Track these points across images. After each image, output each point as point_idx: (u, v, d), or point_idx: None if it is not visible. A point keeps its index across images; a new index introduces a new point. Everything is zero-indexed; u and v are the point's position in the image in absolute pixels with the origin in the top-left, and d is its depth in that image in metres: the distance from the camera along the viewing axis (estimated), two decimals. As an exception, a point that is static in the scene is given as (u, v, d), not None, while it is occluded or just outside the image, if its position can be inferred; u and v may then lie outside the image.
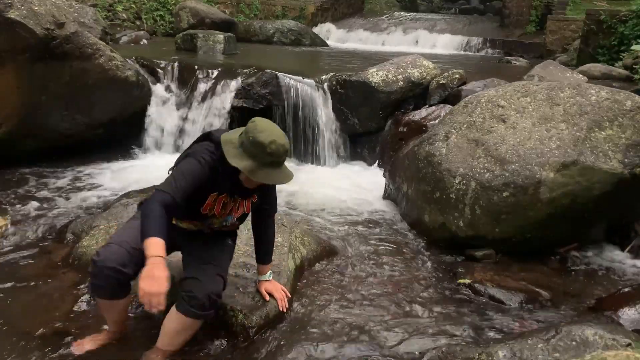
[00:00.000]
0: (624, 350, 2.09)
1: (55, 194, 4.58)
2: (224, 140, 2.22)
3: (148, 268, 2.01)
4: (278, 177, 2.25)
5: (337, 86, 5.79)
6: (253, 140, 2.15)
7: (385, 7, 16.42)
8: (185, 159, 2.29)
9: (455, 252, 3.74)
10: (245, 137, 2.18)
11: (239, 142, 2.20)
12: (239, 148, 2.19)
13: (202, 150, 2.28)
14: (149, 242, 2.04)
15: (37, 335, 2.58)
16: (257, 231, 2.67)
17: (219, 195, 2.37)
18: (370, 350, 2.61)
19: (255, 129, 2.17)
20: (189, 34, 8.09)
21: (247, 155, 2.16)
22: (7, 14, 4.54)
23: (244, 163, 2.15)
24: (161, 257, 2.03)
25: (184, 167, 2.24)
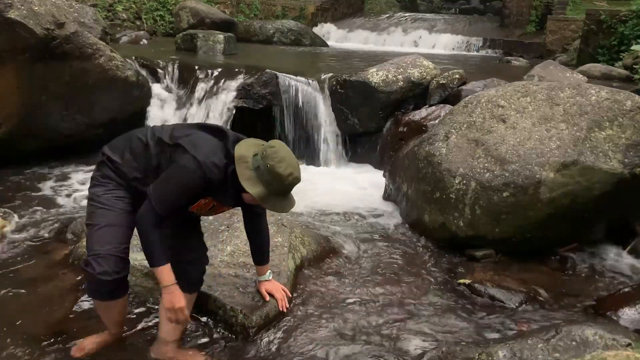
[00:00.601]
0: (624, 350, 2.09)
1: (55, 194, 4.58)
2: (238, 157, 2.11)
3: (167, 299, 2.20)
4: (285, 206, 2.19)
5: (337, 86, 5.79)
6: (271, 169, 2.06)
7: (385, 7, 16.41)
8: (185, 170, 2.11)
9: (455, 252, 3.74)
10: (262, 162, 2.08)
11: (254, 165, 2.09)
12: (254, 171, 2.09)
13: (208, 161, 2.10)
14: (160, 272, 2.17)
15: (37, 335, 2.58)
16: (251, 233, 2.60)
17: (212, 200, 2.29)
18: (370, 350, 2.61)
19: (275, 157, 2.07)
20: (189, 34, 8.09)
21: (261, 182, 2.08)
22: (7, 14, 4.54)
23: (257, 190, 2.08)
24: (175, 285, 2.21)
25: (182, 182, 2.12)
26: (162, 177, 2.16)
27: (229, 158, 2.15)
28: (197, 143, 2.15)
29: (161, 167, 2.22)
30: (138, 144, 2.29)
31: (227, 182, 2.16)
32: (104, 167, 2.31)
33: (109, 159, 2.30)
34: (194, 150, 2.12)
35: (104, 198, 2.25)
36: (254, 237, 2.60)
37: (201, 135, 2.21)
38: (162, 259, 2.17)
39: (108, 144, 2.38)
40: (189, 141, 2.16)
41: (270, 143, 2.15)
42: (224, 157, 2.15)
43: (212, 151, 2.14)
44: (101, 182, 2.29)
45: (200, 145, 2.14)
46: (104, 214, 2.23)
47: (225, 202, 2.29)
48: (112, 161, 2.29)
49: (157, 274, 2.20)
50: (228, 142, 2.19)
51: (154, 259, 2.17)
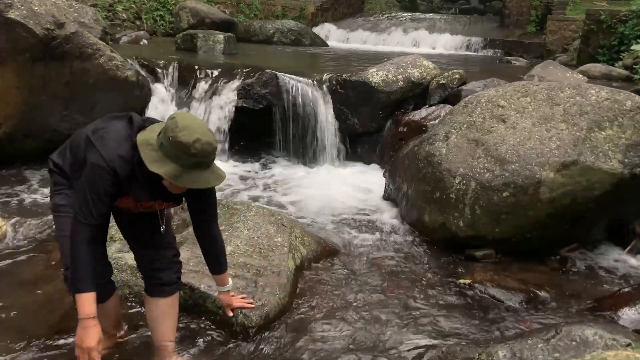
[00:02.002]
0: (624, 350, 2.09)
1: (55, 194, 4.57)
2: (140, 142, 1.91)
3: (79, 334, 2.01)
4: (207, 180, 1.91)
5: (337, 86, 5.79)
6: (173, 140, 1.82)
7: (385, 7, 16.41)
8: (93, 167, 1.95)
9: (455, 252, 3.74)
10: (164, 138, 1.86)
11: (158, 143, 1.88)
12: (159, 150, 1.87)
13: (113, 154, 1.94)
14: (80, 299, 1.98)
15: (37, 335, 2.58)
16: (204, 240, 2.34)
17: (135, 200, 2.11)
18: (370, 350, 2.61)
19: (176, 127, 1.84)
20: (189, 34, 8.09)
21: (169, 159, 1.85)
22: (7, 14, 4.54)
23: (165, 168, 1.85)
24: (93, 319, 2.00)
25: (92, 181, 1.95)
26: (79, 181, 2.02)
27: (135, 148, 1.94)
28: (104, 136, 1.98)
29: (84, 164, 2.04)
30: (76, 142, 2.15)
31: (136, 173, 1.97)
32: (53, 175, 2.22)
33: (54, 164, 2.21)
34: (100, 145, 1.96)
35: (62, 206, 2.16)
36: (207, 243, 2.34)
37: (112, 127, 2.02)
38: (85, 284, 1.96)
39: (50, 156, 2.28)
40: (98, 136, 2.00)
41: (171, 115, 1.93)
42: (130, 147, 1.96)
43: (118, 143, 1.96)
44: (56, 190, 2.20)
45: (107, 138, 1.97)
46: (68, 222, 2.06)
47: (141, 196, 2.07)
48: (56, 165, 2.21)
49: (78, 302, 1.97)
50: (133, 129, 1.99)
51: (77, 282, 1.97)
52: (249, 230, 3.31)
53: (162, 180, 1.95)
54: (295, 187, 5.09)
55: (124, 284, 2.90)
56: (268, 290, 2.82)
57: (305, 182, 5.23)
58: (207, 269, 2.62)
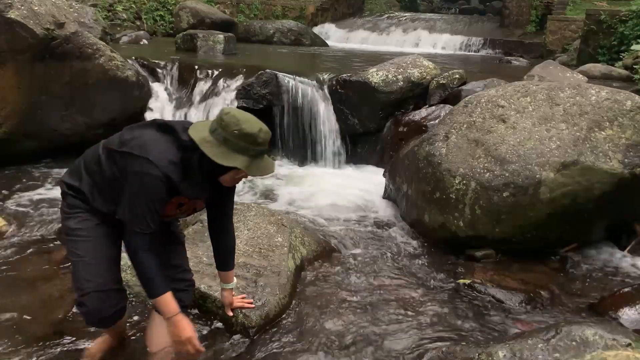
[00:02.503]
0: (624, 350, 2.09)
1: (55, 194, 4.57)
2: (199, 141, 1.94)
3: (173, 332, 2.04)
4: (268, 167, 2.02)
5: (337, 86, 5.79)
6: (240, 133, 1.91)
7: (385, 7, 16.42)
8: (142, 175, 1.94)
9: (455, 252, 3.74)
10: (227, 133, 1.92)
11: (220, 139, 1.93)
12: (222, 146, 1.92)
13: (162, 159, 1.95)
14: (160, 302, 2.02)
15: (37, 335, 2.58)
16: (219, 234, 2.37)
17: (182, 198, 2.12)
18: (370, 350, 2.61)
19: (237, 121, 1.92)
20: (189, 34, 8.10)
21: (236, 151, 1.92)
22: (7, 14, 4.55)
23: (239, 161, 1.92)
24: (180, 314, 2.05)
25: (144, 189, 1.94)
26: (126, 193, 1.98)
27: (184, 149, 1.98)
28: (144, 144, 1.97)
29: (117, 179, 2.03)
30: (91, 161, 2.12)
31: (194, 173, 2.00)
32: (67, 197, 2.15)
33: (69, 186, 2.14)
34: (144, 152, 1.95)
35: (78, 230, 2.10)
36: (221, 238, 2.37)
37: (148, 136, 2.02)
38: (160, 287, 2.01)
39: (67, 171, 2.22)
40: (136, 145, 1.98)
41: (223, 112, 1.98)
42: (177, 150, 1.98)
43: (164, 148, 1.97)
44: (70, 213, 2.13)
45: (149, 146, 1.97)
46: (84, 246, 2.08)
47: (197, 195, 2.11)
48: (72, 188, 2.13)
49: (157, 305, 2.04)
50: (177, 134, 2.01)
51: (153, 288, 2.01)
52: (249, 230, 3.31)
53: (219, 177, 2.03)
54: (295, 187, 5.08)
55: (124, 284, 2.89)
56: (268, 290, 2.82)
57: (305, 182, 5.23)
58: (207, 269, 2.63)
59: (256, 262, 3.03)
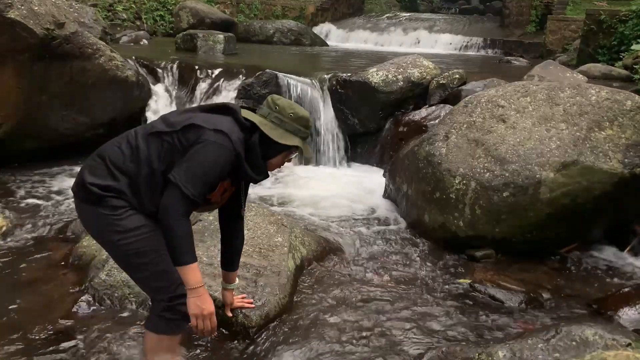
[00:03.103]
0: (624, 350, 2.09)
1: (55, 193, 4.58)
2: (259, 123, 2.05)
3: (195, 303, 1.95)
4: (310, 150, 2.24)
5: (337, 86, 5.79)
6: (295, 116, 2.08)
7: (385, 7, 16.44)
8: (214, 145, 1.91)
9: (455, 252, 3.74)
10: (283, 116, 2.07)
11: (276, 122, 2.06)
12: (279, 128, 2.06)
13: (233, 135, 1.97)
14: (186, 271, 1.92)
15: (37, 335, 2.58)
16: (230, 235, 2.35)
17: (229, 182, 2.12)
18: (370, 350, 2.61)
19: (290, 105, 2.12)
20: (189, 34, 8.10)
21: (291, 133, 2.08)
22: (7, 14, 4.54)
23: (295, 141, 2.08)
24: (204, 287, 1.98)
25: (217, 164, 1.93)
26: (186, 159, 1.91)
27: (244, 130, 2.05)
28: (209, 119, 1.98)
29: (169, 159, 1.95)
30: (122, 159, 1.98)
31: (255, 153, 2.06)
32: (107, 200, 1.93)
33: (104, 188, 1.94)
34: (214, 125, 1.96)
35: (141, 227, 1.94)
36: (233, 239, 2.36)
37: (205, 116, 2.03)
38: (190, 255, 1.92)
39: (85, 172, 2.02)
40: (201, 119, 1.98)
41: (274, 98, 2.13)
42: (240, 130, 2.03)
43: (230, 126, 2.00)
44: (119, 214, 1.93)
45: (216, 121, 1.99)
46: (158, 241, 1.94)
47: (244, 177, 2.11)
48: (108, 188, 1.94)
49: (182, 273, 1.92)
50: (238, 114, 2.07)
51: (182, 255, 1.90)
52: (249, 230, 3.31)
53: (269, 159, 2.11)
54: (295, 187, 5.09)
55: (124, 284, 2.89)
56: (268, 290, 2.82)
57: (305, 182, 5.23)
58: (207, 269, 2.63)
59: (256, 262, 3.03)
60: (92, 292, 2.92)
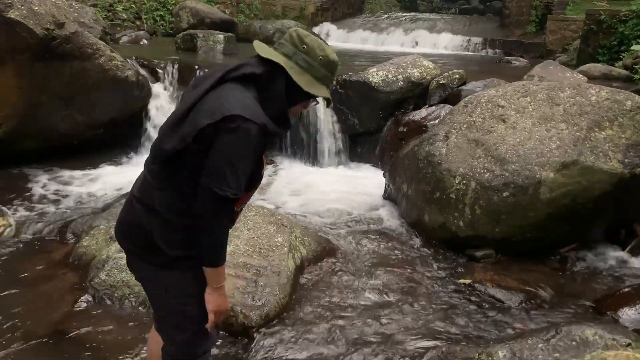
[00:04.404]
0: (624, 350, 2.09)
1: (55, 194, 4.58)
2: (286, 64, 1.71)
3: (219, 301, 1.79)
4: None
5: (337, 86, 5.79)
6: (325, 60, 1.74)
7: (385, 7, 16.42)
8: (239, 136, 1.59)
9: (455, 252, 3.74)
10: (312, 59, 1.73)
11: (303, 65, 1.72)
12: (306, 73, 1.72)
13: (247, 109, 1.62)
14: (220, 271, 1.75)
15: (37, 335, 2.58)
16: None
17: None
18: (369, 350, 2.61)
19: (320, 46, 1.75)
20: (189, 34, 8.09)
21: (320, 81, 1.76)
22: (7, 14, 4.54)
23: (323, 90, 1.77)
24: (224, 285, 1.82)
25: (248, 147, 1.62)
26: (212, 161, 1.61)
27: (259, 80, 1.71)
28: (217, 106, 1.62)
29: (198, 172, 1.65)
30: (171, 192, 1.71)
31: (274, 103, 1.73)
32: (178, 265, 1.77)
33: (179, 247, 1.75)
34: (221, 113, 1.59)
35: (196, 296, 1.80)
36: None
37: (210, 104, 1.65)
38: (224, 257, 1.75)
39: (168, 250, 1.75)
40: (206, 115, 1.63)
41: (299, 34, 1.76)
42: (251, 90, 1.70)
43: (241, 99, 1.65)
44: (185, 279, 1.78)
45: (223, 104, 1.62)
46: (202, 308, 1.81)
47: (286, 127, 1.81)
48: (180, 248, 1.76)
49: (211, 273, 1.74)
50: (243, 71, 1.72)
51: (219, 258, 1.72)
52: (249, 230, 3.31)
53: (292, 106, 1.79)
54: (295, 187, 5.08)
55: (124, 284, 2.90)
56: (268, 290, 2.83)
57: (305, 182, 5.23)
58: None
59: (256, 262, 3.03)
60: (92, 292, 2.92)
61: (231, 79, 1.70)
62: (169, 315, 1.86)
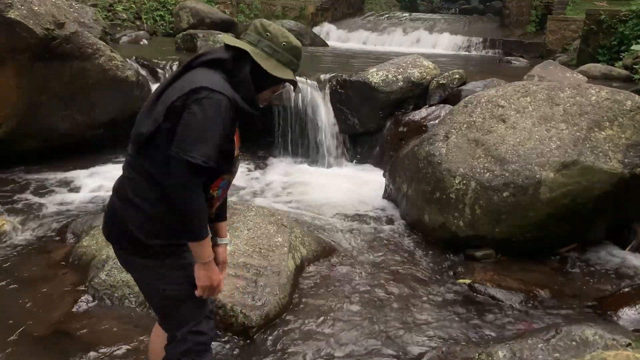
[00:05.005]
0: (624, 350, 2.09)
1: (55, 194, 4.58)
2: (252, 52, 1.77)
3: (208, 275, 1.80)
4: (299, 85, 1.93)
5: (337, 86, 5.79)
6: (289, 45, 1.82)
7: (385, 7, 16.43)
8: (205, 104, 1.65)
9: (455, 252, 3.74)
10: (275, 45, 1.80)
11: (268, 51, 1.79)
12: (271, 58, 1.79)
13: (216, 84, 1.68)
14: (204, 244, 1.75)
15: (37, 335, 2.58)
16: None
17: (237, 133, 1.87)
18: (369, 350, 2.61)
19: (283, 33, 1.83)
20: (189, 34, 8.10)
21: (285, 65, 1.82)
22: (7, 14, 4.54)
23: (288, 74, 1.82)
24: (212, 259, 1.82)
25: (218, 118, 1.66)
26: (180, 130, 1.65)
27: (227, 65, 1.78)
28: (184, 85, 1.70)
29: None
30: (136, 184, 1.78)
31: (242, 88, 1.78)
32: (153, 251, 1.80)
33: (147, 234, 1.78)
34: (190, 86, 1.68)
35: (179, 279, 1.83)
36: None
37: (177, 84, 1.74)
38: (205, 230, 1.75)
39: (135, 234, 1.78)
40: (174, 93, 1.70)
41: (265, 23, 1.84)
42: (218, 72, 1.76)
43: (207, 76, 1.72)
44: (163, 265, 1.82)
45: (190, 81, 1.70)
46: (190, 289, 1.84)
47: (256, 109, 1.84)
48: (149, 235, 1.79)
49: (197, 248, 1.75)
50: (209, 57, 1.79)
51: (201, 231, 1.73)
52: (249, 230, 3.31)
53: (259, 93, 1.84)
54: (295, 187, 5.08)
55: (124, 284, 2.90)
56: (268, 290, 2.83)
57: (305, 182, 5.23)
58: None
59: (256, 262, 3.03)
60: (92, 292, 2.92)
61: (199, 64, 1.78)
62: (162, 305, 1.90)
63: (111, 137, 5.59)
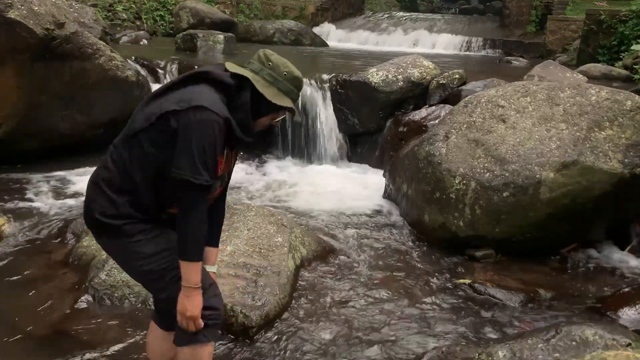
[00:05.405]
0: (624, 350, 2.09)
1: (55, 194, 4.57)
2: (253, 78, 1.87)
3: (186, 303, 1.82)
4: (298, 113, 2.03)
5: (337, 86, 5.79)
6: (290, 76, 1.92)
7: (385, 7, 16.44)
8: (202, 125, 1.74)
9: (455, 252, 3.73)
10: (277, 74, 1.90)
11: (269, 80, 1.89)
12: (272, 87, 1.89)
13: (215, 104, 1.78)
14: (194, 268, 1.80)
15: (37, 335, 2.58)
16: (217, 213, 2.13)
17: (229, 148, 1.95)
18: (369, 350, 2.61)
19: (285, 63, 1.93)
20: (189, 34, 8.10)
21: (285, 94, 1.91)
22: (7, 14, 4.54)
23: (286, 102, 1.91)
24: (199, 290, 1.84)
25: (213, 137, 1.76)
26: (179, 149, 1.76)
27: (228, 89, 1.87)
28: (184, 97, 1.81)
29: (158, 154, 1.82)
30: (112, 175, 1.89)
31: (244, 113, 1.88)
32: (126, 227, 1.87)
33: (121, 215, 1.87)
34: (189, 103, 1.77)
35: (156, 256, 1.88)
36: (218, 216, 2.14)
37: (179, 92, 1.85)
38: (200, 253, 1.83)
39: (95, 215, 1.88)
40: (173, 101, 1.81)
41: (267, 53, 1.94)
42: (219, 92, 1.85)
43: (207, 95, 1.82)
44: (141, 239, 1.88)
45: (191, 97, 1.80)
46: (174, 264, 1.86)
47: (240, 143, 1.95)
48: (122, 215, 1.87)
49: (186, 269, 1.80)
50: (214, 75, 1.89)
51: (194, 250, 1.81)
52: (249, 230, 3.31)
53: (257, 119, 1.94)
54: (295, 187, 5.08)
55: (124, 284, 2.90)
56: (268, 290, 2.83)
57: (305, 182, 5.22)
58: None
59: (256, 262, 3.03)
60: (92, 292, 2.92)
61: (205, 79, 1.89)
62: (146, 280, 1.97)
63: (111, 137, 5.46)
